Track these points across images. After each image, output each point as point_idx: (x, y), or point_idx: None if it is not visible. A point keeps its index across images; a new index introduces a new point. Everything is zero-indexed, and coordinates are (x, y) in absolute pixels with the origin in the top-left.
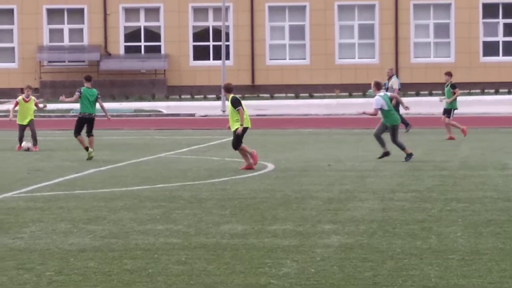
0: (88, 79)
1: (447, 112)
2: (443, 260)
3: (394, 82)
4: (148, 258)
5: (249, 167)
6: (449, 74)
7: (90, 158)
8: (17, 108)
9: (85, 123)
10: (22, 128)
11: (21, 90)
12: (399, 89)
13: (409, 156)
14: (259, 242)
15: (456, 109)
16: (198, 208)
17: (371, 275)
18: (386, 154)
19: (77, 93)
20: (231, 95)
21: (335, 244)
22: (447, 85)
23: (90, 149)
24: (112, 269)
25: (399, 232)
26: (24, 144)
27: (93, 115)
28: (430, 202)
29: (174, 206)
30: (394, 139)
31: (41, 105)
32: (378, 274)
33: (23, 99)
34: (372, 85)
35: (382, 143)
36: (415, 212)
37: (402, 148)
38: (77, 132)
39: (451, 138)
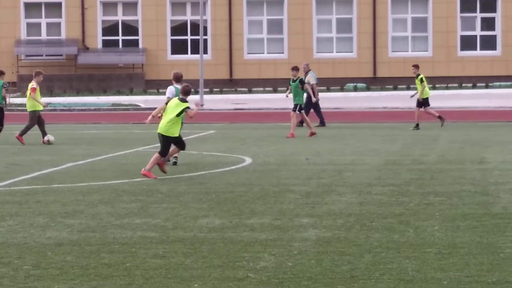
0: None
1: (297, 107)
2: (421, 254)
3: (311, 78)
4: (126, 252)
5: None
6: (296, 69)
7: None
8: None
9: None
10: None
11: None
12: (316, 84)
13: (174, 159)
14: (237, 235)
15: (302, 104)
16: (176, 202)
17: (348, 268)
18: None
19: None
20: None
21: (313, 238)
22: (295, 80)
23: None
24: (89, 263)
25: (377, 226)
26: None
27: None
28: (407, 196)
29: (151, 200)
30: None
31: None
32: (355, 268)
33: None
34: (172, 78)
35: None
36: (393, 205)
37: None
38: None
39: (292, 136)
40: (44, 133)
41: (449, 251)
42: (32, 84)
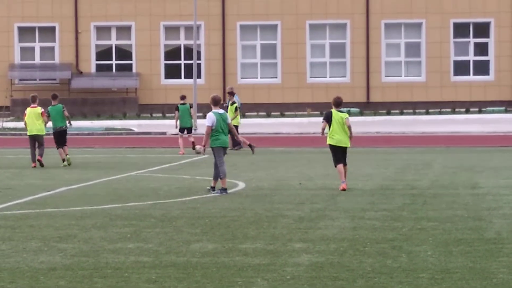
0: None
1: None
2: (413, 279)
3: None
4: (119, 276)
5: None
6: (183, 97)
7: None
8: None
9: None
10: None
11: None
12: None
13: (212, 188)
14: (230, 260)
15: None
16: (169, 226)
17: None
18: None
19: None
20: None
21: (306, 263)
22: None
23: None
24: None
25: (370, 251)
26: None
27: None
28: (400, 221)
29: (144, 225)
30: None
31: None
32: None
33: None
34: (210, 102)
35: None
36: (386, 230)
37: (216, 177)
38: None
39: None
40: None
41: (442, 276)
42: (40, 108)
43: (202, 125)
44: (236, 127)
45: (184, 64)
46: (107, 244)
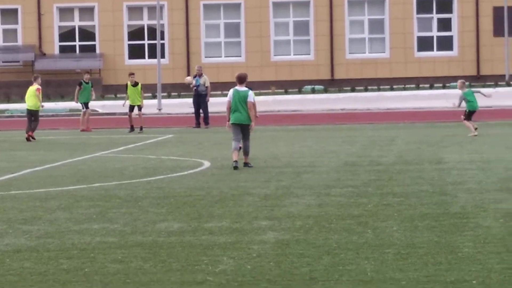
0: None
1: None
2: (379, 254)
3: (207, 80)
4: (84, 257)
5: None
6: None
7: None
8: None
9: None
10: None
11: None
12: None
13: (245, 164)
14: (196, 239)
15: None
16: (134, 206)
17: (307, 270)
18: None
19: None
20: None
21: (272, 240)
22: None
23: None
24: (48, 269)
25: (335, 227)
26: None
27: None
28: (366, 197)
29: (110, 205)
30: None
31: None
32: (314, 270)
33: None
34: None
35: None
36: (351, 207)
37: (245, 152)
38: None
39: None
40: (29, 129)
41: (407, 251)
42: (36, 86)
43: (168, 105)
44: (140, 106)
45: (148, 44)
46: (72, 225)
